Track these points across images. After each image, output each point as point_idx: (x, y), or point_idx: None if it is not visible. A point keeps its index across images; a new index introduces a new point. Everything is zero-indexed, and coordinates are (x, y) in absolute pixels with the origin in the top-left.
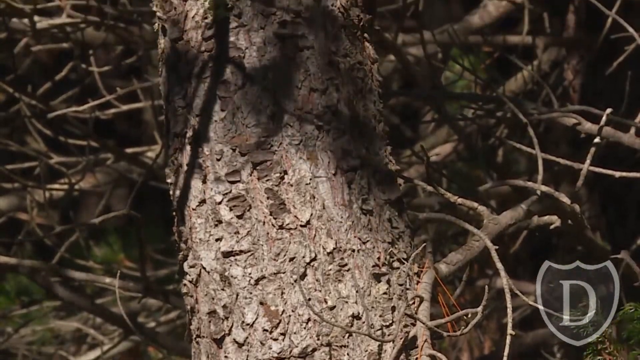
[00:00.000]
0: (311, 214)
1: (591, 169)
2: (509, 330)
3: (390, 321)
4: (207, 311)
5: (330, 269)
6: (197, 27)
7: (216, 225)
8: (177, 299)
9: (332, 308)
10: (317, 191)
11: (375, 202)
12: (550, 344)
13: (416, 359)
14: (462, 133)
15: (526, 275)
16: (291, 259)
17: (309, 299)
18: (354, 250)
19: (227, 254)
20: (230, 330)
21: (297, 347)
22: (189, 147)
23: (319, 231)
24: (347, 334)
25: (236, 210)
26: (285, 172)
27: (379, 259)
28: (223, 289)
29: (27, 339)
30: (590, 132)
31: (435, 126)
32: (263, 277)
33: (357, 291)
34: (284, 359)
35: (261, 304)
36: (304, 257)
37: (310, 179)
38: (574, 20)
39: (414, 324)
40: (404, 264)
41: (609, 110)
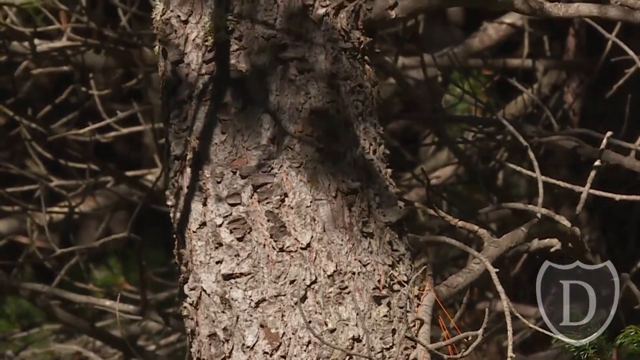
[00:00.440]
0: (311, 237)
1: (591, 192)
2: (510, 353)
3: (391, 344)
4: (207, 334)
5: (331, 292)
6: (198, 50)
7: (216, 248)
8: (178, 322)
9: (332, 330)
10: (318, 214)
11: (375, 224)
12: None
13: None
14: (462, 156)
15: (526, 298)
16: (292, 282)
17: (310, 322)
18: (354, 273)
19: (227, 277)
20: (230, 353)
21: None
22: (189, 170)
23: (319, 254)
24: (348, 357)
25: (236, 232)
26: (286, 195)
27: (379, 281)
28: (223, 312)
29: None
30: (591, 155)
31: (435, 149)
32: (263, 300)
33: (357, 314)
34: None
35: (262, 326)
36: (304, 279)
37: (311, 201)
38: (574, 43)
39: (414, 347)
40: (404, 286)
41: (609, 134)
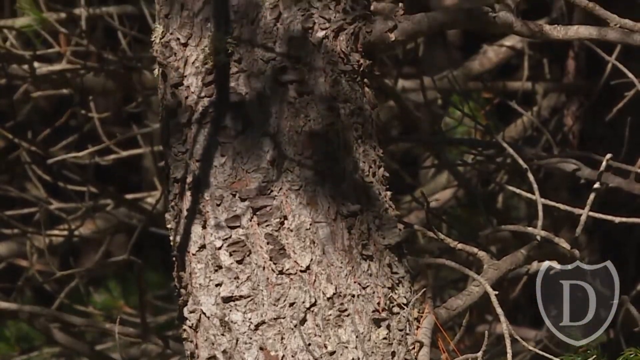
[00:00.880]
0: (311, 259)
1: (591, 214)
2: None
3: None
4: (207, 356)
5: (330, 314)
6: (198, 73)
7: (216, 271)
8: (177, 345)
9: (332, 353)
10: (317, 236)
11: (375, 247)
12: None
13: None
14: (462, 179)
15: (526, 321)
16: (291, 304)
17: (309, 344)
18: (353, 296)
19: (227, 299)
20: None
21: None
22: (189, 193)
23: (319, 276)
24: None
25: (236, 255)
26: (285, 218)
27: (378, 304)
28: (223, 334)
29: None
30: (590, 177)
31: (435, 172)
32: (263, 322)
33: (357, 336)
34: None
35: (261, 349)
36: (303, 302)
37: (310, 224)
38: (573, 66)
39: None
40: (403, 309)
41: (608, 156)
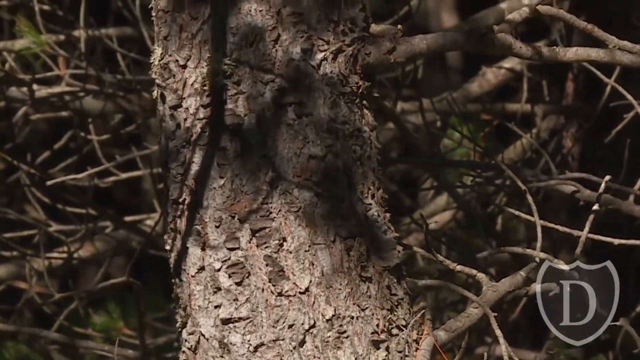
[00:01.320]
0: (310, 281)
1: (590, 236)
2: None
3: None
4: None
5: (329, 336)
6: (196, 95)
7: (215, 292)
8: None
9: None
10: (316, 258)
11: (374, 269)
12: None
13: None
14: (461, 200)
15: (525, 343)
16: (290, 326)
17: None
18: (352, 317)
19: (226, 321)
20: None
21: None
22: (187, 214)
23: (317, 298)
24: None
25: (235, 277)
26: (284, 239)
27: (377, 326)
28: (222, 356)
29: None
30: (589, 199)
31: (434, 194)
32: (262, 344)
33: (356, 358)
34: None
35: None
36: (302, 324)
37: (309, 246)
38: (572, 88)
39: None
40: (402, 331)
41: (607, 178)
